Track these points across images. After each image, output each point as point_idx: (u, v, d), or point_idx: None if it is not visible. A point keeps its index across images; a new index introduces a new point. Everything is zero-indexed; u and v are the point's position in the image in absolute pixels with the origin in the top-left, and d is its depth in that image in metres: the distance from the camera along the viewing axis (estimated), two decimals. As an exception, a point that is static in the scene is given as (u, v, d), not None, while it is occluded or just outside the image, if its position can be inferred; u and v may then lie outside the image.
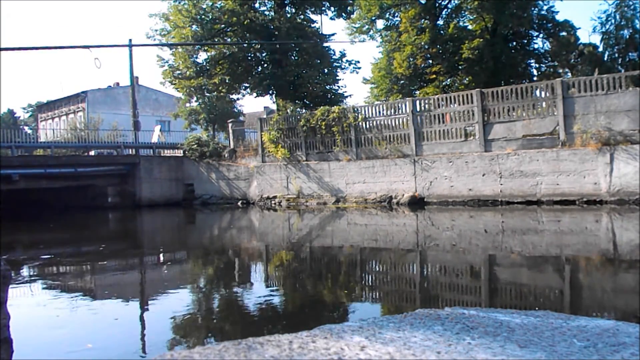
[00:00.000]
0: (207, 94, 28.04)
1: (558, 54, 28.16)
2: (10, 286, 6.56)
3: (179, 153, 25.79)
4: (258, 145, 21.92)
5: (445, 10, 27.80)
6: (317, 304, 5.75)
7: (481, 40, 25.15)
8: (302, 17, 26.85)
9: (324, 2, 27.03)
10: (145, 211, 22.14)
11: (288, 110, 26.22)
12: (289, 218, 16.67)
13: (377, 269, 7.94)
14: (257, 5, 26.83)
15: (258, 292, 6.55)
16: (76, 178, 22.92)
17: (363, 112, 19.23)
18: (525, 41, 28.00)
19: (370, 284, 6.96)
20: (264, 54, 26.64)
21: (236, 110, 30.67)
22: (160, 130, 31.83)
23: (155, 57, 27.67)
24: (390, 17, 28.20)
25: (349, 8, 27.75)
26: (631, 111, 13.93)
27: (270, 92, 27.00)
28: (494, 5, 24.46)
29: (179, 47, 25.65)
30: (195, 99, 28.82)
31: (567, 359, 1.78)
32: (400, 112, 18.37)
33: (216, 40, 26.21)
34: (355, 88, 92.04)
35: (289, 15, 26.25)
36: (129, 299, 6.47)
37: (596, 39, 41.48)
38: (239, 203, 21.67)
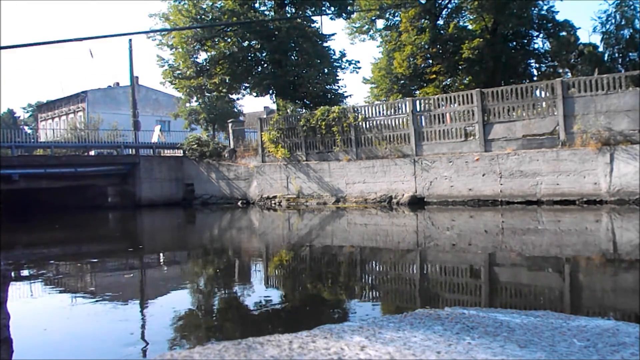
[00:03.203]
0: (207, 94, 28.03)
1: (558, 54, 28.16)
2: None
3: (179, 153, 25.79)
4: (258, 145, 21.92)
5: (445, 10, 27.81)
6: (317, 304, 5.75)
7: (481, 40, 25.15)
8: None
9: (324, 2, 27.02)
10: (146, 211, 22.14)
11: (288, 110, 26.20)
12: (289, 218, 16.66)
13: (377, 269, 7.93)
14: (257, 5, 26.82)
15: (258, 291, 6.54)
16: (76, 178, 22.92)
17: (363, 112, 19.23)
18: (525, 41, 28.00)
19: (370, 284, 6.96)
20: (264, 54, 26.63)
21: (236, 110, 30.68)
22: (160, 130, 31.84)
23: (155, 57, 27.63)
24: (390, 17, 28.23)
25: (349, 8, 27.74)
26: (631, 111, 13.93)
27: (270, 92, 27.00)
28: (494, 5, 24.46)
29: (179, 47, 25.63)
30: (195, 99, 28.81)
31: (567, 359, 1.78)
32: (400, 112, 18.37)
33: (216, 40, 26.19)
34: (355, 88, 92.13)
35: (289, 15, 26.23)
36: (129, 298, 6.46)
37: (596, 39, 41.53)
38: (239, 203, 21.67)
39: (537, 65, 29.16)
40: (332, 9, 27.37)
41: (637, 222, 11.14)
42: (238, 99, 31.01)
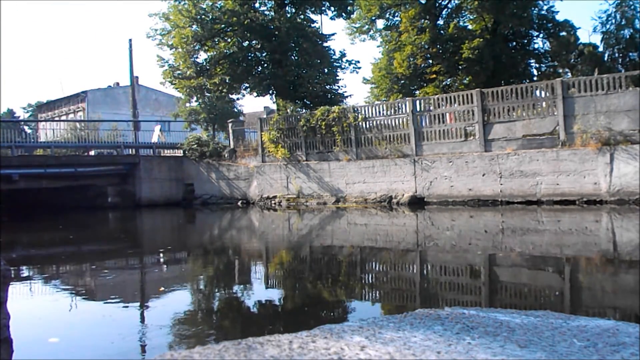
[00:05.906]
0: (207, 94, 28.01)
1: (558, 54, 28.14)
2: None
3: (179, 153, 25.79)
4: (258, 145, 21.92)
5: (445, 10, 27.81)
6: (317, 304, 5.74)
7: (481, 40, 25.14)
8: (302, 17, 26.84)
9: (324, 2, 27.00)
10: (146, 211, 22.13)
11: (288, 110, 26.19)
12: (289, 218, 16.66)
13: (377, 269, 7.93)
14: (257, 5, 26.81)
15: (258, 291, 6.55)
16: (76, 178, 22.92)
17: (363, 112, 19.23)
18: (525, 41, 27.99)
19: (370, 284, 6.95)
20: (264, 54, 26.62)
21: (236, 110, 30.62)
22: (160, 130, 31.82)
23: (155, 57, 27.60)
24: (390, 17, 28.21)
25: (349, 8, 27.73)
26: (631, 111, 13.93)
27: (270, 92, 26.99)
28: (494, 5, 24.46)
29: (179, 47, 25.63)
30: (195, 99, 28.78)
31: (567, 359, 1.78)
32: (400, 112, 18.37)
33: (216, 40, 26.17)
34: (355, 88, 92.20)
35: (289, 15, 26.23)
36: (129, 297, 6.46)
37: (596, 39, 41.47)
38: (239, 203, 21.67)
39: (537, 65, 29.15)
40: (332, 9, 27.39)
41: (637, 222, 11.14)
42: (238, 99, 30.97)
